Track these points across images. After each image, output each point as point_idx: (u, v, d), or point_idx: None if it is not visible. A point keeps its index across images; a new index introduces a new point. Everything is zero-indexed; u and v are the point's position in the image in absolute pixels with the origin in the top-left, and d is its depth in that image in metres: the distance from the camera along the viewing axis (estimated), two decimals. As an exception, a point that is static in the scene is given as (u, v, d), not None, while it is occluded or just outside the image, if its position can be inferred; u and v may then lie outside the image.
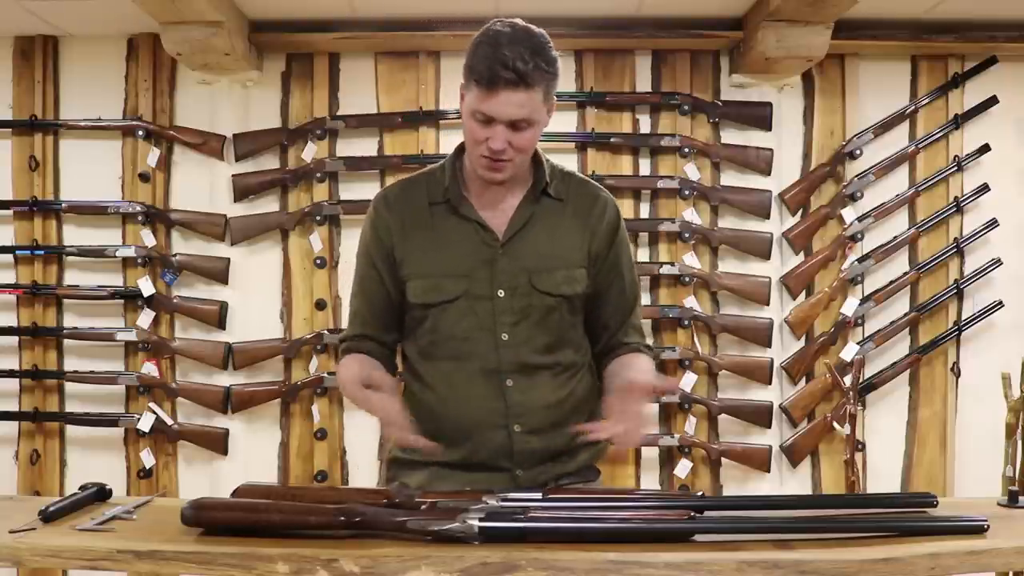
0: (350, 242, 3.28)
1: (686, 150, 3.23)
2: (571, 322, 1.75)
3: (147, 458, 3.23)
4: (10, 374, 3.22)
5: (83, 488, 1.66)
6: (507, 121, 1.58)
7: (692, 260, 3.22)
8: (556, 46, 3.39)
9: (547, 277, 1.69)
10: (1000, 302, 3.29)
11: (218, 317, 3.23)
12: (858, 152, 3.28)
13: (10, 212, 3.27)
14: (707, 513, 1.46)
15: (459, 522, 1.37)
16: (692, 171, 3.23)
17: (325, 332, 3.22)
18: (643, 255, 3.28)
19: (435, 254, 1.70)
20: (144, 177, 3.25)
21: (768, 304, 3.25)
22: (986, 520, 1.43)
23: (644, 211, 3.28)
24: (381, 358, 1.79)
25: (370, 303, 1.80)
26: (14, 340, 3.28)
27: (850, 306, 3.25)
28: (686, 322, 3.20)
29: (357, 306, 1.82)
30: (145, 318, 3.21)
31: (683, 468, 3.20)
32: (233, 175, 3.26)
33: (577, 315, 1.76)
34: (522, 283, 1.68)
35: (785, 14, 2.88)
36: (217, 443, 3.24)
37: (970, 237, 3.29)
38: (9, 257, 3.27)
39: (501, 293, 1.68)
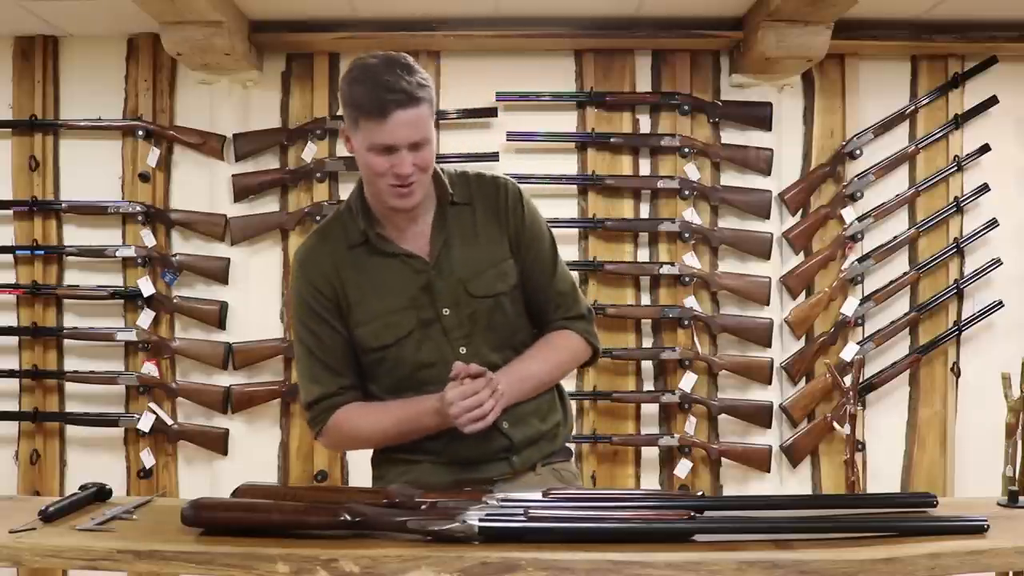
0: (350, 242, 3.28)
1: (686, 150, 3.23)
2: (516, 311, 1.80)
3: (147, 458, 3.23)
4: (10, 374, 3.22)
5: (83, 488, 1.67)
6: (407, 144, 1.60)
7: (692, 260, 3.22)
8: (556, 46, 3.43)
9: (479, 281, 1.73)
10: (1000, 302, 3.29)
11: (218, 317, 3.23)
12: (858, 152, 3.28)
13: (10, 212, 3.27)
14: (707, 513, 1.46)
15: (459, 522, 1.37)
16: (692, 171, 3.23)
17: (325, 332, 3.22)
18: (643, 255, 3.28)
19: (373, 296, 1.72)
20: (144, 177, 3.25)
21: (768, 304, 3.25)
22: (986, 520, 1.43)
23: (644, 211, 3.28)
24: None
25: (335, 355, 1.76)
26: (14, 340, 3.28)
27: (850, 306, 3.25)
28: (686, 322, 3.20)
29: (319, 364, 1.76)
30: (145, 318, 3.21)
31: (683, 468, 3.20)
32: (233, 175, 3.26)
33: (519, 307, 1.81)
34: (460, 295, 1.72)
35: (785, 14, 2.88)
36: (217, 443, 3.24)
37: (970, 237, 3.29)
38: (9, 257, 3.27)
39: (446, 311, 1.72)
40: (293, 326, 1.82)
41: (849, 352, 3.24)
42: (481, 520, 1.37)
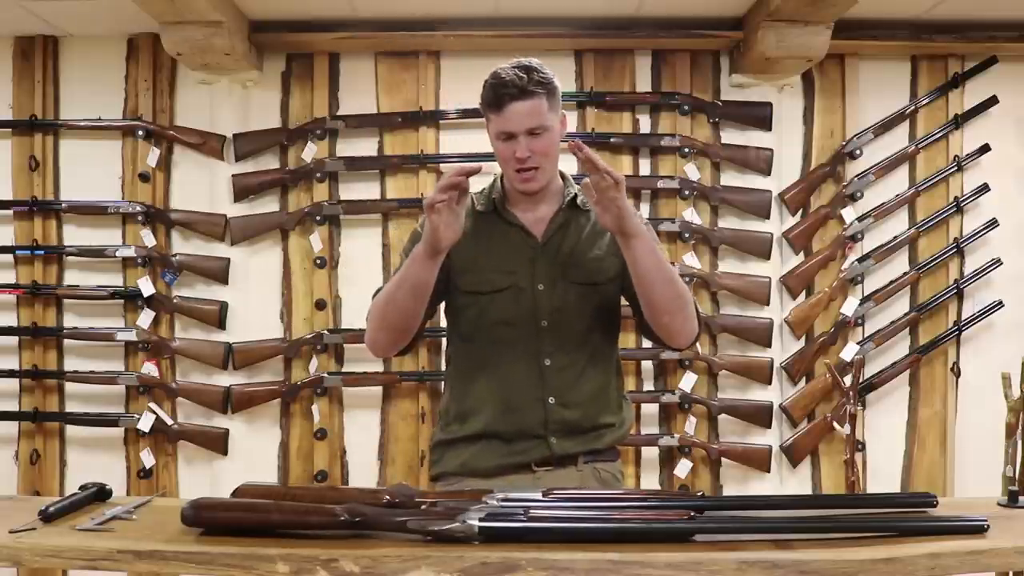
0: (350, 242, 3.29)
1: (686, 150, 3.23)
2: (606, 307, 1.93)
3: (147, 458, 3.24)
4: (10, 374, 3.23)
5: (83, 488, 1.66)
6: (524, 131, 1.80)
7: (692, 260, 3.22)
8: (556, 46, 3.43)
9: (578, 269, 1.89)
10: (1000, 302, 3.29)
11: (218, 317, 3.23)
12: (858, 152, 3.28)
13: (10, 212, 3.27)
14: (707, 513, 1.46)
15: (459, 522, 1.37)
16: (692, 171, 3.23)
17: (325, 332, 3.22)
18: (643, 255, 3.28)
19: (486, 252, 1.90)
20: (144, 177, 3.25)
21: (768, 304, 3.25)
22: (986, 520, 1.43)
23: (644, 211, 3.28)
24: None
25: None
26: (14, 340, 3.28)
27: (850, 306, 3.25)
28: (686, 322, 3.20)
29: None
30: (145, 318, 3.21)
31: (683, 468, 3.20)
32: (233, 175, 3.26)
33: (609, 302, 1.93)
34: (558, 277, 1.88)
35: (785, 14, 2.88)
36: (217, 443, 3.24)
37: (970, 237, 3.30)
38: (9, 257, 3.27)
39: (541, 287, 1.88)
40: (403, 252, 1.96)
41: (849, 352, 3.24)
42: (481, 520, 1.37)
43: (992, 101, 3.31)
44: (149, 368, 3.21)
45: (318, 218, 3.23)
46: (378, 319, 1.85)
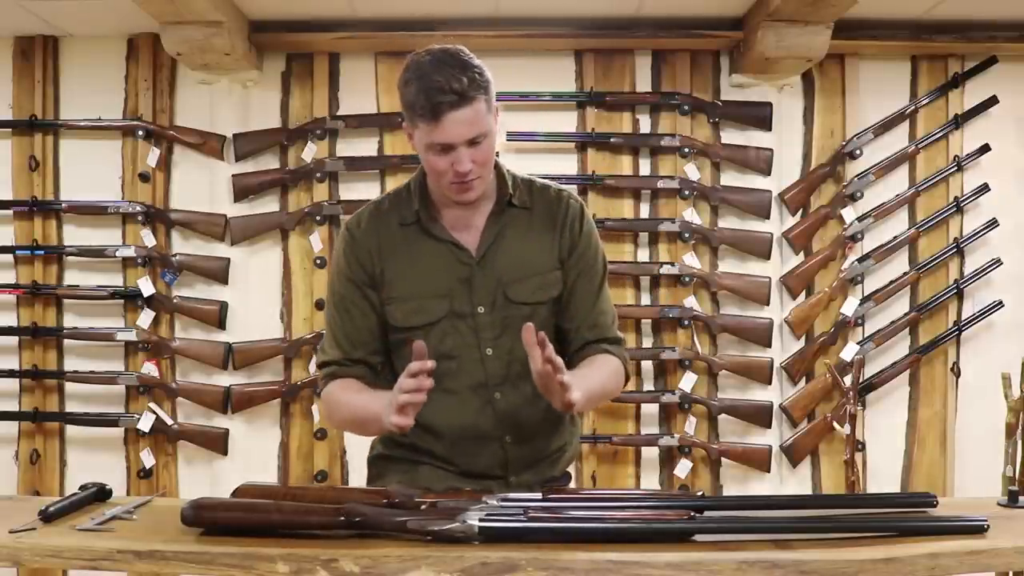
0: (350, 242, 3.28)
1: (686, 150, 3.23)
2: (552, 324, 1.77)
3: (147, 458, 3.24)
4: (10, 374, 3.23)
5: (83, 488, 1.67)
6: (463, 142, 1.58)
7: (692, 260, 3.22)
8: (556, 46, 3.43)
9: (520, 287, 1.72)
10: (1000, 302, 3.29)
11: (218, 317, 3.23)
12: (858, 152, 3.28)
13: (10, 212, 3.27)
14: (707, 513, 1.46)
15: (459, 522, 1.37)
16: (692, 171, 3.23)
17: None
18: (643, 255, 3.28)
19: (414, 276, 1.71)
20: (144, 177, 3.25)
21: (768, 304, 3.25)
22: (986, 520, 1.43)
23: (644, 211, 3.28)
24: (371, 382, 1.76)
25: (355, 326, 1.75)
26: (14, 340, 3.28)
27: (850, 306, 3.25)
28: (686, 322, 3.20)
29: (340, 330, 1.76)
30: (145, 318, 3.21)
31: (683, 468, 3.20)
32: (233, 175, 3.26)
33: (556, 317, 1.78)
34: (498, 297, 1.71)
35: (785, 14, 2.88)
36: (217, 443, 3.24)
37: (970, 237, 3.30)
38: (9, 257, 3.27)
39: (481, 309, 1.70)
40: (328, 288, 1.82)
41: (849, 352, 3.24)
42: (481, 520, 1.37)
43: (992, 101, 3.31)
44: (149, 368, 3.21)
45: (318, 218, 3.23)
46: (331, 416, 1.79)
